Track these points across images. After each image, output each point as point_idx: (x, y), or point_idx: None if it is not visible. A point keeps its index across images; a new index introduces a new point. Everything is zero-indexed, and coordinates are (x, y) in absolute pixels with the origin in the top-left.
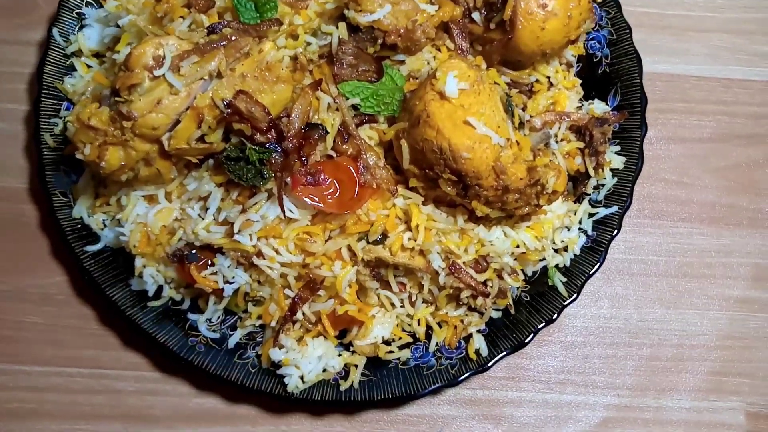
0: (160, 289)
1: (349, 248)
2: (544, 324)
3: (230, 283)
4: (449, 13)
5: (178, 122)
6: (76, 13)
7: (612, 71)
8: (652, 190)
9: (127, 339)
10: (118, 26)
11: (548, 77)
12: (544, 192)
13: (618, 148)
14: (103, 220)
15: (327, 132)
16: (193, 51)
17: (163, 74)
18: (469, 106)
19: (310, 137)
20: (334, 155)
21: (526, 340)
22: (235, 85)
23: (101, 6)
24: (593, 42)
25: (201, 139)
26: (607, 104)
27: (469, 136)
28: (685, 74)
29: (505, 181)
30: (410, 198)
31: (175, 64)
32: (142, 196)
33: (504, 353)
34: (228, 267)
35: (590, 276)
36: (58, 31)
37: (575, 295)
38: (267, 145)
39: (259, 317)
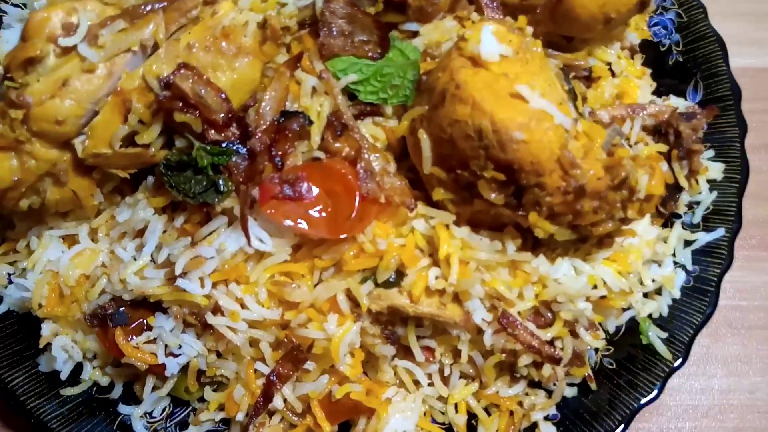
0: (78, 368)
1: (349, 294)
2: (641, 403)
3: (175, 356)
4: None
5: (95, 114)
6: None
7: (687, 60)
8: (759, 212)
9: None
10: None
11: (609, 64)
12: (634, 198)
13: (712, 153)
14: (8, 273)
15: (311, 122)
16: (120, 16)
17: (75, 45)
18: (516, 76)
19: (287, 129)
20: (323, 156)
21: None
22: (177, 58)
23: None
24: (657, 28)
25: (131, 140)
26: (686, 100)
27: (520, 110)
28: None
29: (578, 179)
30: (435, 217)
31: (93, 33)
32: (60, 236)
33: None
34: (171, 331)
35: (699, 329)
36: None
37: (681, 358)
38: (224, 145)
39: (221, 408)
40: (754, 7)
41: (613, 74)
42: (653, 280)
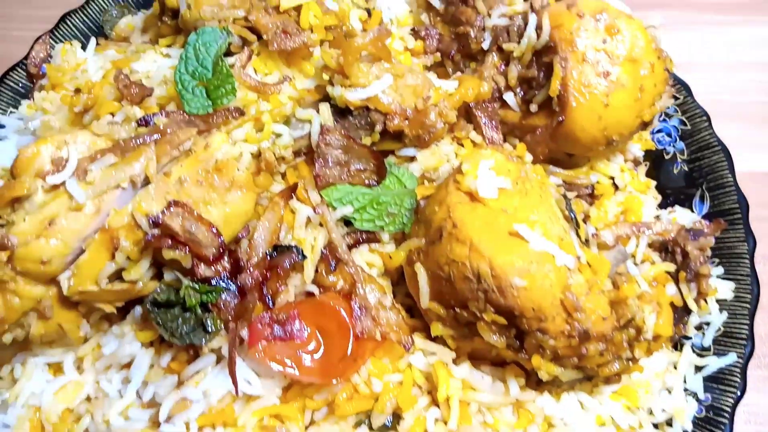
0: None
1: None
2: None
3: None
4: (474, 91)
5: (82, 251)
6: None
7: (693, 169)
8: None
9: None
10: (34, 136)
11: (612, 178)
12: (641, 338)
13: (720, 270)
14: None
15: (304, 257)
16: (111, 149)
17: (63, 182)
18: (515, 212)
19: (279, 266)
20: (317, 292)
21: None
22: (167, 194)
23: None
24: (661, 135)
25: (118, 276)
26: (692, 211)
27: (520, 253)
28: None
29: (582, 323)
30: (434, 353)
31: (83, 168)
32: (46, 363)
33: None
34: None
35: None
36: None
37: None
38: (214, 282)
39: None
40: (759, 110)
41: (617, 188)
42: (663, 410)
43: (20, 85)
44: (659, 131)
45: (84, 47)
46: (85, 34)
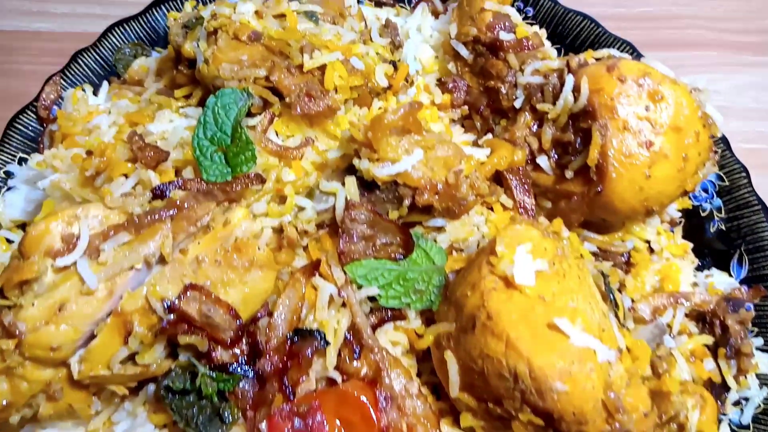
0: None
1: None
2: None
3: None
4: (507, 158)
5: (93, 336)
6: (4, 172)
7: (731, 228)
8: None
9: None
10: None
11: (648, 242)
12: None
13: (760, 341)
14: None
15: (327, 343)
16: (124, 226)
17: (73, 263)
18: (553, 299)
19: (300, 354)
20: (339, 379)
21: None
22: (183, 276)
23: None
24: (697, 191)
25: (131, 358)
26: (730, 275)
27: (560, 351)
28: None
29: (624, 425)
30: None
31: (95, 246)
32: None
33: None
34: None
35: None
36: None
37: None
38: (232, 368)
39: None
40: None
41: (652, 251)
42: None
43: (30, 128)
44: None
45: (96, 90)
46: (97, 73)
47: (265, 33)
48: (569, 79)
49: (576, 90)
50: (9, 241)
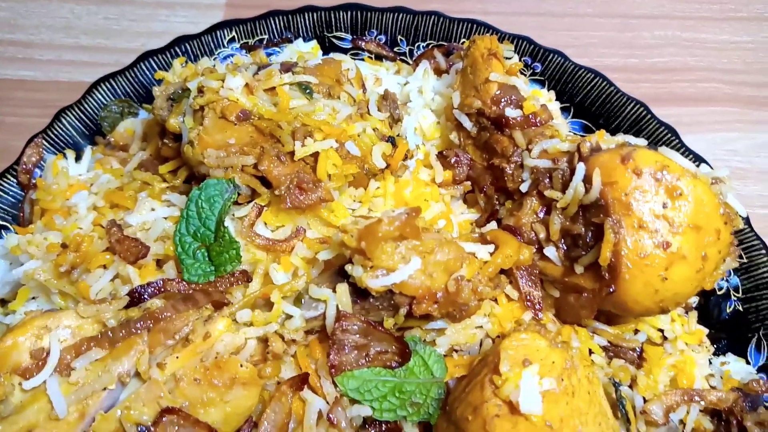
0: None
1: None
2: None
3: None
4: (513, 257)
5: None
6: None
7: (748, 310)
8: None
9: None
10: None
11: (661, 330)
12: None
13: None
14: None
15: None
16: (97, 340)
17: (43, 382)
18: (561, 425)
19: None
20: None
21: None
22: (159, 398)
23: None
24: None
25: None
26: (748, 362)
27: None
28: None
29: None
30: None
31: (66, 363)
32: None
33: None
34: None
35: None
36: None
37: None
38: None
39: None
40: None
41: (665, 338)
42: None
43: (10, 193)
44: None
45: (78, 155)
46: (81, 132)
47: (255, 112)
48: (580, 168)
49: (587, 180)
50: None
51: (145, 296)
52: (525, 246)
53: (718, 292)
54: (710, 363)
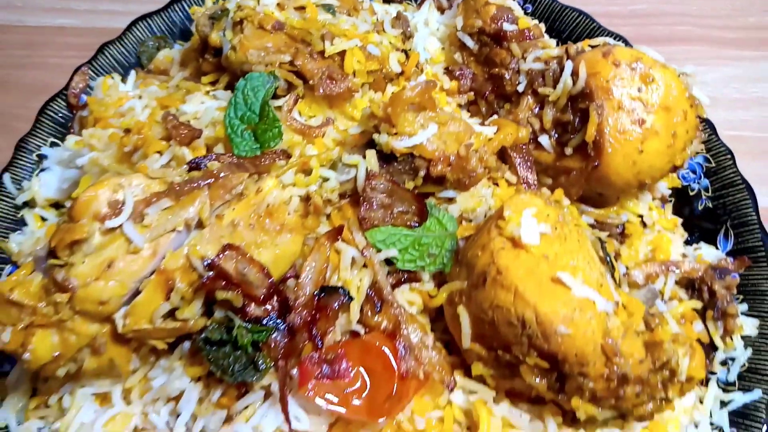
0: None
1: None
2: None
3: None
4: (512, 135)
5: (138, 293)
6: (37, 155)
7: (717, 206)
8: None
9: None
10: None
11: (641, 216)
12: (675, 380)
13: (745, 307)
14: (39, 429)
15: (351, 299)
16: (166, 193)
17: (119, 225)
18: (556, 258)
19: (327, 307)
20: (362, 332)
21: None
22: (221, 237)
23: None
24: (686, 171)
25: (171, 314)
26: (717, 248)
27: (563, 300)
28: None
29: (621, 368)
30: (475, 392)
31: (139, 211)
32: (93, 394)
33: None
34: None
35: None
36: (11, 177)
37: None
38: (264, 321)
39: None
40: None
41: (645, 225)
42: None
43: (60, 114)
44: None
45: (123, 79)
46: (122, 64)
47: (287, 23)
48: (568, 65)
49: (574, 74)
50: (43, 219)
51: (202, 166)
52: (522, 127)
53: (691, 193)
54: (684, 248)
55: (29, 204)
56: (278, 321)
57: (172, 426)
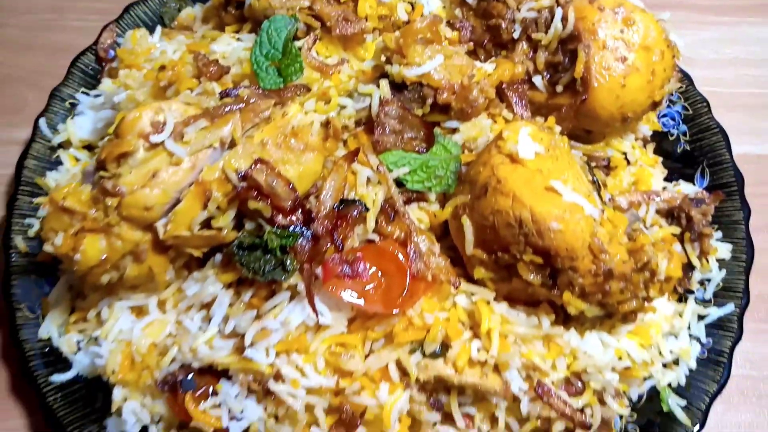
0: (144, 431)
1: (399, 364)
2: None
3: (238, 420)
4: (510, 72)
5: (178, 202)
6: (69, 103)
7: (694, 148)
8: (765, 288)
9: None
10: (114, 110)
11: (624, 153)
12: (655, 279)
13: (719, 234)
14: (78, 341)
15: (367, 209)
16: (202, 115)
17: (162, 141)
18: (549, 172)
19: (347, 216)
20: (377, 239)
21: None
22: (252, 153)
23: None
24: (666, 119)
25: (207, 224)
26: (694, 185)
27: (556, 203)
28: None
29: (606, 264)
30: (476, 294)
31: (179, 131)
32: (129, 307)
33: None
34: (235, 397)
35: (715, 397)
36: (46, 122)
37: (699, 424)
38: (291, 229)
39: None
40: (751, 101)
41: (629, 162)
42: (671, 352)
43: (90, 68)
44: (664, 116)
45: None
46: (146, 24)
47: None
48: (558, 11)
49: (564, 19)
50: (77, 160)
51: (232, 94)
52: (519, 64)
53: (671, 138)
54: (665, 185)
55: (63, 146)
56: (304, 228)
57: (205, 330)
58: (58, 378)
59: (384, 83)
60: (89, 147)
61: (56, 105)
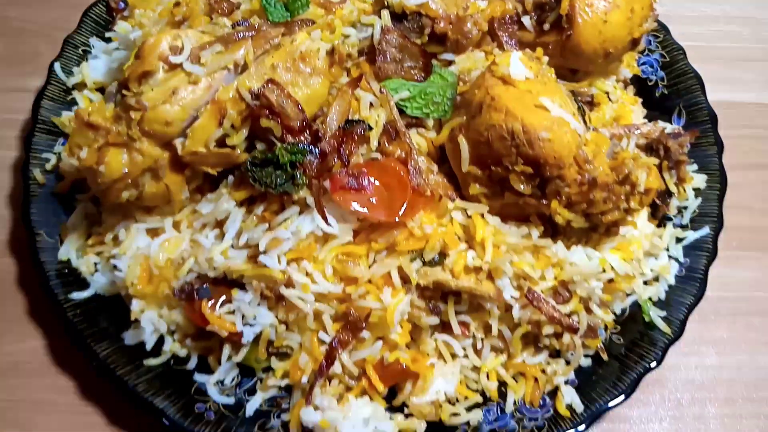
0: (160, 342)
1: (401, 272)
2: (649, 367)
3: (251, 326)
4: (501, 8)
5: (195, 119)
6: (82, 50)
7: (671, 92)
8: (737, 219)
9: (115, 415)
10: (128, 50)
11: (607, 93)
12: (635, 191)
13: (695, 167)
14: (95, 263)
15: (371, 128)
16: (217, 41)
17: (181, 63)
18: (538, 93)
19: (352, 133)
20: (380, 157)
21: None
22: (264, 75)
23: (110, 41)
24: (644, 66)
25: (222, 144)
26: (671, 124)
27: (545, 116)
28: (745, 101)
29: (591, 173)
30: (471, 209)
31: (196, 54)
32: (146, 229)
33: (605, 406)
34: (249, 303)
35: (692, 309)
36: (61, 66)
37: (678, 332)
38: (300, 146)
39: (285, 375)
40: (725, 53)
41: (611, 101)
42: (652, 270)
43: (101, 18)
44: (644, 63)
45: None
46: None
47: None
48: None
49: None
50: (91, 101)
51: (243, 24)
52: (509, 1)
53: (649, 84)
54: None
55: (78, 88)
56: (311, 147)
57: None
58: (78, 295)
59: (385, 13)
60: (103, 90)
61: (70, 51)
